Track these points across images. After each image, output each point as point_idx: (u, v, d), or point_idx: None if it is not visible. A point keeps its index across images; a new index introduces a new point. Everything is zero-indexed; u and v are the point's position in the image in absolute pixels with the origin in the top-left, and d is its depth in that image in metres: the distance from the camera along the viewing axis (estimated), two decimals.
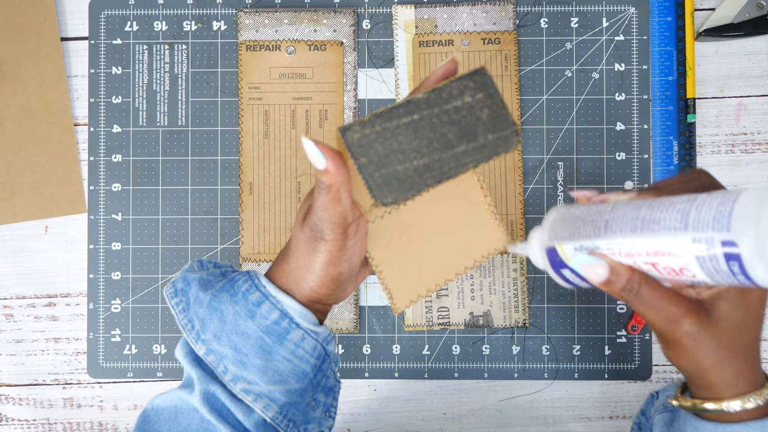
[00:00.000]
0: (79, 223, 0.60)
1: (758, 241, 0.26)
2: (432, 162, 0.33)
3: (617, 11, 0.59)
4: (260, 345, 0.36)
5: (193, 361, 0.38)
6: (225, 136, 0.59)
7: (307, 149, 0.33)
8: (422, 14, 0.59)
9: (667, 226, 0.29)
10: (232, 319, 0.36)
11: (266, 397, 0.36)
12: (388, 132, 0.33)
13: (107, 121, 0.59)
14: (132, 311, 0.59)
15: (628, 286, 0.32)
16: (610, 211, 0.32)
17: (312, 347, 0.37)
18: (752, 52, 0.60)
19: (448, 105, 0.34)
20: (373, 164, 0.33)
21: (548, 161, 0.59)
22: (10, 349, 0.60)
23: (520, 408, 0.59)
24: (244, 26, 0.59)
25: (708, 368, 0.33)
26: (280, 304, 0.37)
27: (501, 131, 0.34)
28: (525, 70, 0.59)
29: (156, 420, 0.38)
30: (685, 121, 0.59)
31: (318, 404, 0.39)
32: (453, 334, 0.59)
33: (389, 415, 0.60)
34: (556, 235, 0.35)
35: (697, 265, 0.29)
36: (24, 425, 0.60)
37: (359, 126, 0.33)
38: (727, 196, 0.27)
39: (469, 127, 0.34)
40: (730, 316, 0.32)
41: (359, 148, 0.33)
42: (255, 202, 0.58)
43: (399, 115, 0.33)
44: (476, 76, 0.34)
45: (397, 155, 0.33)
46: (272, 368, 0.36)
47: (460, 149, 0.34)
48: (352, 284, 0.40)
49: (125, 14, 0.60)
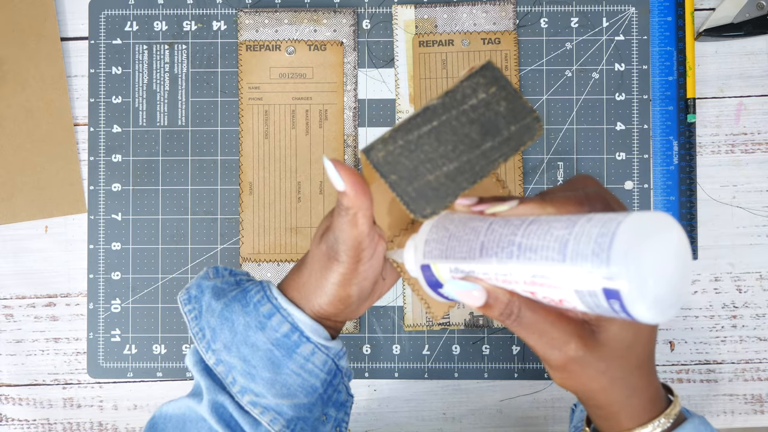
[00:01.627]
0: (79, 223, 0.60)
1: (639, 277, 0.24)
2: (462, 165, 0.33)
3: (617, 11, 0.59)
4: (269, 358, 0.36)
5: (203, 371, 0.37)
6: (225, 136, 0.59)
7: (328, 170, 0.33)
8: (422, 14, 0.59)
9: (544, 255, 0.27)
10: (242, 330, 0.36)
11: (273, 410, 0.36)
12: (411, 144, 0.33)
13: (107, 121, 0.59)
14: (132, 311, 0.59)
15: (507, 310, 0.30)
16: (486, 230, 0.31)
17: (322, 362, 0.37)
18: (752, 52, 0.60)
19: (465, 105, 0.33)
20: (404, 180, 0.32)
21: (548, 161, 0.59)
22: (10, 349, 0.60)
23: (520, 408, 0.59)
24: (244, 26, 0.59)
25: (597, 390, 0.32)
26: (291, 317, 0.36)
27: (522, 120, 0.33)
28: (525, 70, 0.59)
29: (164, 428, 0.38)
30: (685, 121, 0.59)
31: (329, 419, 0.38)
32: (453, 334, 0.59)
33: (389, 415, 0.60)
34: (430, 251, 0.33)
35: (577, 299, 0.27)
36: (24, 425, 0.60)
37: (381, 144, 0.33)
38: (607, 226, 0.25)
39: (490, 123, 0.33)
40: (618, 336, 0.30)
41: (386, 166, 0.32)
42: (255, 202, 0.58)
43: (418, 125, 0.33)
44: (485, 71, 0.33)
45: (426, 165, 0.33)
46: (281, 382, 0.36)
47: (487, 146, 0.33)
48: (365, 304, 0.39)
49: (125, 14, 0.60)
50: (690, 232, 0.58)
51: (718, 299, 0.59)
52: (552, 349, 0.30)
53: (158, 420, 0.38)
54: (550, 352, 0.30)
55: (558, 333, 0.30)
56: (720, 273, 0.59)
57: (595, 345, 0.30)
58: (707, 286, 0.59)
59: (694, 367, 0.59)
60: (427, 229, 0.34)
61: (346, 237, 0.34)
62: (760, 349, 0.59)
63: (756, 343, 0.59)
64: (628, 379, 0.31)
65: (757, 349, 0.59)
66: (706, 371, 0.59)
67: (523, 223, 0.29)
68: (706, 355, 0.59)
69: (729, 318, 0.59)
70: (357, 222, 0.34)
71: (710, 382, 0.59)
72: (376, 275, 0.37)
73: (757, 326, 0.59)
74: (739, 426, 0.60)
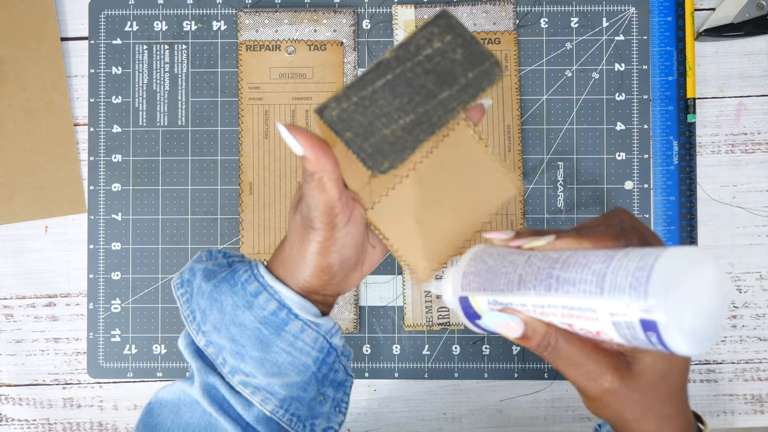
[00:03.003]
0: (79, 223, 0.60)
1: (676, 310, 0.25)
2: (418, 116, 0.32)
3: (617, 11, 0.59)
4: (258, 336, 0.35)
5: (194, 353, 0.37)
6: (225, 136, 0.59)
7: (284, 136, 0.32)
8: (422, 14, 0.59)
9: (582, 289, 0.28)
10: (231, 310, 0.36)
11: (264, 390, 0.35)
12: (365, 100, 0.32)
13: (107, 121, 0.59)
14: (132, 311, 0.59)
15: (545, 341, 0.31)
16: (524, 263, 0.31)
17: (313, 339, 0.36)
18: (752, 52, 0.60)
19: (419, 56, 0.32)
20: (359, 136, 0.32)
21: (548, 161, 0.59)
22: (10, 349, 0.60)
23: (520, 408, 0.59)
24: (244, 26, 0.59)
25: (630, 420, 0.32)
26: (277, 295, 0.36)
27: (480, 66, 0.33)
28: (525, 70, 0.59)
29: (159, 413, 0.38)
30: (685, 121, 0.59)
31: (326, 399, 0.38)
32: (453, 334, 0.59)
33: (389, 415, 0.60)
34: (468, 284, 0.34)
35: (614, 331, 0.27)
36: (24, 425, 0.60)
37: (335, 102, 0.32)
38: (645, 260, 0.26)
39: (446, 71, 0.32)
40: (654, 368, 0.31)
41: (340, 123, 0.32)
42: (255, 202, 0.58)
43: (372, 81, 0.32)
44: (439, 20, 0.33)
45: (381, 120, 0.32)
46: (270, 360, 0.35)
47: (443, 95, 0.32)
48: (354, 274, 0.39)
49: (125, 14, 0.60)
50: (690, 232, 0.58)
51: None
52: (588, 381, 0.31)
53: (154, 405, 0.38)
54: (587, 383, 0.31)
55: (594, 365, 0.31)
56: None
57: (630, 376, 0.31)
58: None
59: (694, 367, 0.59)
60: (465, 262, 0.35)
61: (317, 203, 0.33)
62: (760, 349, 0.59)
63: (756, 343, 0.59)
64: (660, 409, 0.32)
65: (757, 349, 0.59)
66: (706, 371, 0.59)
67: (561, 257, 0.30)
68: (706, 355, 0.59)
69: (729, 318, 0.59)
70: (324, 186, 0.33)
71: (710, 382, 0.59)
72: (357, 242, 0.36)
73: (757, 326, 0.59)
74: (739, 426, 0.60)
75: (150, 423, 0.37)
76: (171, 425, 0.37)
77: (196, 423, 0.36)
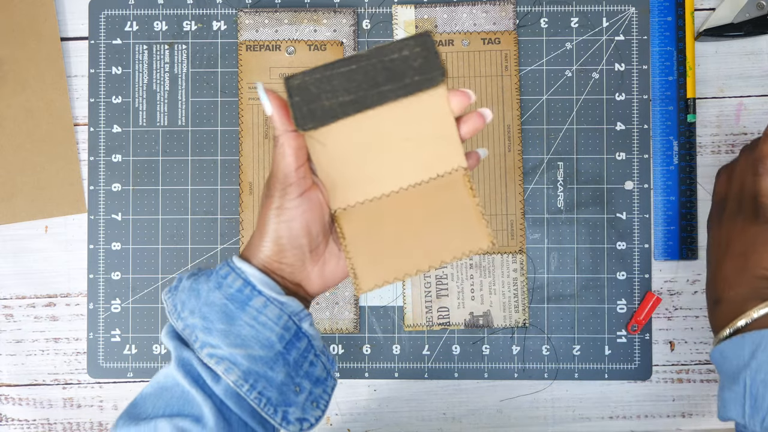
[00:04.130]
0: (79, 223, 0.60)
1: None
2: (357, 98, 0.37)
3: (617, 11, 0.59)
4: (224, 311, 0.38)
5: (174, 338, 0.39)
6: (225, 136, 0.59)
7: (260, 94, 0.37)
8: (422, 14, 0.59)
9: None
10: (205, 295, 0.38)
11: (228, 359, 0.37)
12: (325, 78, 0.37)
13: (107, 121, 0.59)
14: (132, 311, 0.59)
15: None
16: None
17: (276, 316, 0.38)
18: (752, 52, 0.60)
19: (386, 57, 0.37)
20: (304, 101, 0.36)
21: (548, 161, 0.59)
22: (10, 349, 0.60)
23: (520, 408, 0.59)
24: (244, 26, 0.59)
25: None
26: (243, 273, 0.38)
27: (428, 73, 0.37)
28: (525, 70, 0.59)
29: (143, 404, 0.39)
30: (685, 121, 0.59)
31: (302, 390, 0.39)
32: (453, 334, 0.59)
33: (389, 415, 0.60)
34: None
35: None
36: (24, 425, 0.60)
37: (301, 75, 0.37)
38: None
39: (399, 72, 0.37)
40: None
41: (296, 90, 0.36)
42: (255, 202, 0.58)
43: (339, 66, 0.37)
44: (420, 37, 0.37)
45: (327, 94, 0.37)
46: (234, 332, 0.37)
47: (385, 88, 0.37)
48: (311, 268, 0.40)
49: (125, 14, 0.60)
50: (690, 232, 0.58)
51: None
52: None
53: (138, 399, 0.39)
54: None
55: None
56: None
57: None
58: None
59: (694, 367, 0.59)
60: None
61: (275, 169, 0.38)
62: None
63: None
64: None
65: None
66: (706, 371, 0.59)
67: None
68: (706, 355, 0.59)
69: None
70: (284, 152, 0.37)
71: (710, 382, 0.59)
72: (308, 221, 0.39)
73: None
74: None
75: (132, 413, 0.39)
76: (153, 409, 0.38)
77: (176, 400, 0.38)
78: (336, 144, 0.39)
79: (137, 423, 0.37)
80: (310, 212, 0.39)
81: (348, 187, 0.40)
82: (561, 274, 0.59)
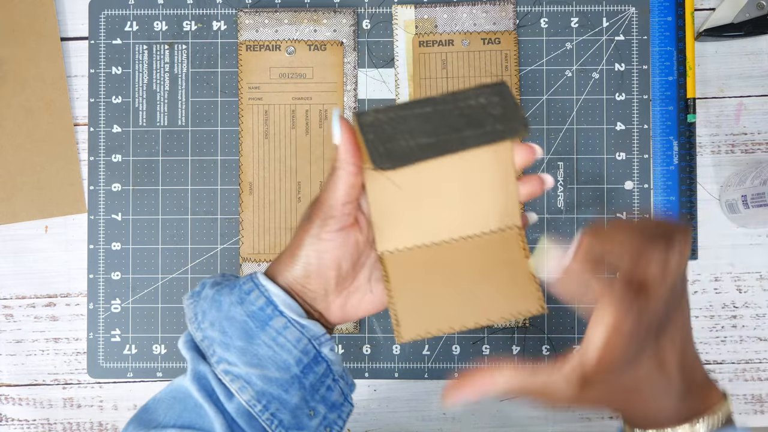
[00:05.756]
0: (79, 223, 0.60)
1: None
2: (436, 141, 0.35)
3: (617, 11, 0.59)
4: (244, 328, 0.37)
5: (191, 348, 0.39)
6: (225, 136, 0.59)
7: (333, 121, 0.36)
8: (422, 14, 0.59)
9: None
10: (226, 308, 0.38)
11: (243, 378, 0.37)
12: (400, 118, 0.35)
13: (107, 121, 0.59)
14: (132, 311, 0.59)
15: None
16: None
17: (295, 338, 0.37)
18: (752, 52, 0.60)
19: (463, 103, 0.36)
20: (379, 139, 0.34)
21: (548, 161, 0.59)
22: (10, 349, 0.60)
23: (520, 408, 0.59)
24: (244, 26, 0.59)
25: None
26: (267, 292, 0.38)
27: (509, 122, 0.35)
28: (525, 70, 0.59)
29: (155, 409, 0.39)
30: (685, 121, 0.59)
31: (317, 414, 0.38)
32: (453, 335, 0.59)
33: (389, 415, 0.60)
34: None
35: None
36: (24, 425, 0.60)
37: (374, 112, 0.35)
38: None
39: (478, 119, 0.35)
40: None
41: (369, 127, 0.35)
42: (255, 202, 0.58)
43: (414, 107, 0.35)
44: (496, 86, 0.36)
45: (405, 135, 0.35)
46: (252, 351, 0.37)
47: (466, 133, 0.35)
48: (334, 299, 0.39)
49: (125, 14, 0.60)
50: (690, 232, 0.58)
51: (718, 299, 0.59)
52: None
53: (149, 404, 0.39)
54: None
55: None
56: (720, 273, 0.59)
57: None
58: (707, 286, 0.59)
59: None
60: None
61: (323, 198, 0.37)
62: (760, 349, 0.59)
63: (756, 343, 0.59)
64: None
65: (757, 349, 0.59)
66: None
67: None
68: (706, 355, 0.59)
69: (729, 318, 0.59)
70: (337, 183, 0.36)
71: None
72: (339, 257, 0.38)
73: (757, 326, 0.59)
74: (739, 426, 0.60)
75: (144, 418, 0.38)
76: (164, 417, 0.38)
77: (188, 413, 0.37)
78: (401, 182, 0.38)
79: (148, 430, 0.37)
80: (345, 248, 0.38)
81: (399, 230, 0.39)
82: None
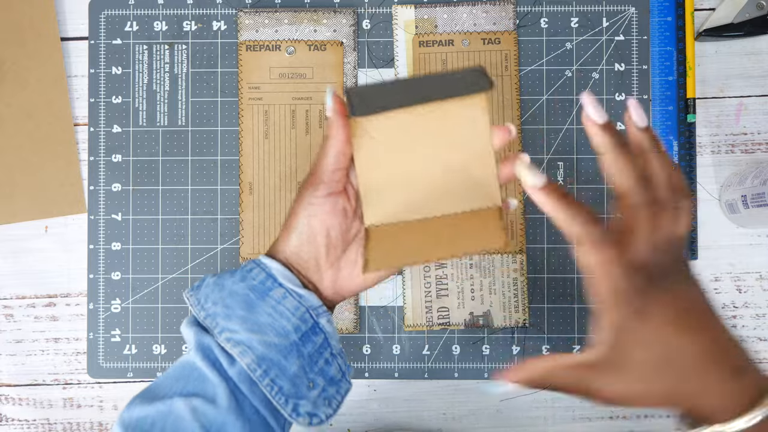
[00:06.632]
0: (79, 223, 0.60)
1: None
2: (408, 97, 0.41)
3: (617, 11, 0.59)
4: (245, 300, 0.40)
5: (194, 325, 0.40)
6: (225, 136, 0.59)
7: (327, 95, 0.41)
8: (422, 14, 0.59)
9: None
10: (229, 287, 0.40)
11: (244, 344, 0.38)
12: (382, 88, 0.41)
13: (107, 121, 0.59)
14: (132, 311, 0.59)
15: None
16: None
17: (293, 307, 0.40)
18: (752, 52, 0.60)
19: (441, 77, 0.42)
20: (361, 99, 0.40)
21: (548, 161, 0.59)
22: (10, 349, 0.60)
23: (520, 408, 0.59)
24: (244, 26, 0.59)
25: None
26: (267, 268, 0.41)
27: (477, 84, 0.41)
28: (525, 70, 0.59)
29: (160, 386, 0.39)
30: (685, 121, 0.59)
31: (315, 386, 0.40)
32: (453, 334, 0.59)
33: (389, 415, 0.60)
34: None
35: None
36: (24, 425, 0.60)
37: (362, 87, 0.41)
38: None
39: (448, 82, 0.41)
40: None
41: (356, 96, 0.40)
42: (255, 202, 0.58)
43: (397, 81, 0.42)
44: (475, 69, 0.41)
45: (382, 95, 0.41)
46: (253, 319, 0.39)
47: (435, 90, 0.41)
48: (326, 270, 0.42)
49: (125, 14, 0.60)
50: (690, 232, 0.58)
51: (718, 299, 0.59)
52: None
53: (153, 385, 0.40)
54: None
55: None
56: (720, 273, 0.59)
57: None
58: (707, 286, 0.59)
59: None
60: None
61: (313, 166, 0.41)
62: (760, 349, 0.59)
63: (756, 343, 0.59)
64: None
65: (757, 349, 0.59)
66: None
67: None
68: None
69: (729, 318, 0.59)
70: (327, 152, 0.40)
71: None
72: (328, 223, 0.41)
73: (757, 326, 0.59)
74: None
75: (148, 395, 0.39)
76: (169, 390, 0.39)
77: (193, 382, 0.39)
78: (383, 138, 0.42)
79: (152, 402, 0.38)
80: (333, 215, 0.41)
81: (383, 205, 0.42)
82: (561, 274, 0.59)
